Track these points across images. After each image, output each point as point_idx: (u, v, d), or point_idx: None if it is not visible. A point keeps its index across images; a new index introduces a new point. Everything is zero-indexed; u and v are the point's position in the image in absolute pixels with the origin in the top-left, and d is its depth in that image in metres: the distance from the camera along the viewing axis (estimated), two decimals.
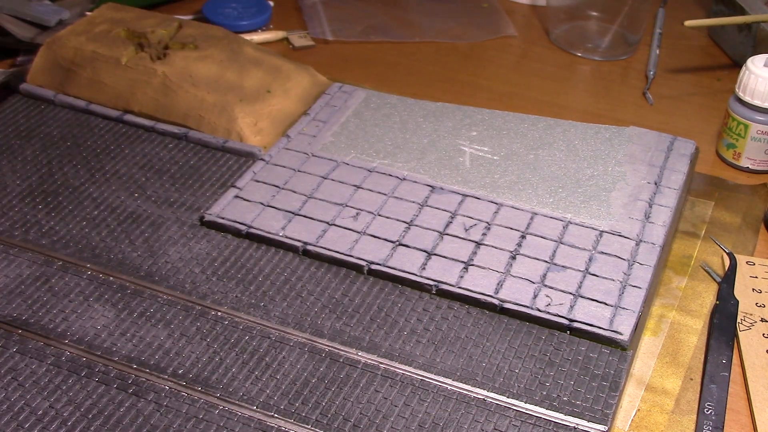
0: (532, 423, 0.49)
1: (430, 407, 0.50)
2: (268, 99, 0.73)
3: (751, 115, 0.70)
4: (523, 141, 0.71)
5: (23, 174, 0.67)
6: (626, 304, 0.55)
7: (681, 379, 0.53)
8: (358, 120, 0.73)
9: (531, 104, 0.81)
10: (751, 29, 0.83)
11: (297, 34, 0.90)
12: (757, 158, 0.71)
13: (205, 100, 0.72)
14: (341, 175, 0.67)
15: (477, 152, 0.69)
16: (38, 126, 0.73)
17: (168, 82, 0.73)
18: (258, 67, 0.75)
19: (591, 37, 0.90)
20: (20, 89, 0.76)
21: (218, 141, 0.70)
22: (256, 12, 0.92)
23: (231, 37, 0.79)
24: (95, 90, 0.75)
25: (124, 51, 0.75)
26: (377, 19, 0.94)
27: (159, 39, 0.78)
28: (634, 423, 0.51)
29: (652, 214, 0.63)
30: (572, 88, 0.84)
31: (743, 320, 0.57)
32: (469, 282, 0.57)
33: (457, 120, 0.73)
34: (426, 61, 0.87)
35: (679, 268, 0.62)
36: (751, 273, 0.61)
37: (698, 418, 0.51)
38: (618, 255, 0.59)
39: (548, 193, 0.65)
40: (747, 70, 0.69)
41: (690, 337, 0.56)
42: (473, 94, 0.82)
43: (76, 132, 0.72)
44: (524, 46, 0.91)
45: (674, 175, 0.67)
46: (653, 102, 0.82)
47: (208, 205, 0.65)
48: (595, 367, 0.52)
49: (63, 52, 0.76)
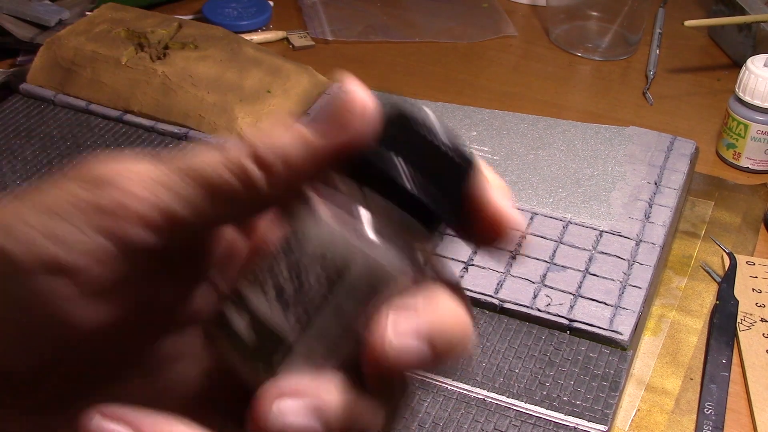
0: (532, 423, 0.49)
1: (430, 407, 0.50)
2: (268, 99, 0.73)
3: (751, 115, 0.70)
4: (523, 141, 0.71)
5: (23, 174, 0.67)
6: (626, 304, 0.55)
7: (681, 379, 0.53)
8: None
9: (531, 104, 0.81)
10: (751, 29, 0.83)
11: (297, 34, 0.90)
12: (757, 158, 0.71)
13: (205, 100, 0.72)
14: None
15: (477, 152, 0.69)
16: (38, 126, 0.73)
17: (168, 82, 0.73)
18: (258, 67, 0.75)
19: (591, 37, 0.90)
20: (20, 89, 0.76)
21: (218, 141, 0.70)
22: (256, 12, 0.92)
23: (231, 37, 0.79)
24: (95, 90, 0.74)
25: (124, 51, 0.75)
26: (377, 19, 0.94)
27: (159, 39, 0.78)
28: (634, 423, 0.51)
29: (652, 214, 0.63)
30: (572, 88, 0.84)
31: (743, 320, 0.57)
32: (469, 282, 0.57)
33: (457, 120, 0.73)
34: (426, 61, 0.87)
35: (679, 268, 0.62)
36: (751, 273, 0.61)
37: (698, 418, 0.51)
38: (618, 255, 0.59)
39: (548, 193, 0.65)
40: (747, 70, 0.69)
41: (690, 337, 0.56)
42: (473, 94, 0.82)
43: (76, 132, 0.72)
44: (524, 46, 0.91)
45: (674, 175, 0.67)
46: (653, 102, 0.82)
47: None
48: (595, 367, 0.52)
49: (63, 52, 0.76)
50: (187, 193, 0.22)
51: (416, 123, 0.24)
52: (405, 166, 0.23)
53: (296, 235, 0.23)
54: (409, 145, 0.23)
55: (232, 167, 0.22)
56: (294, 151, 0.23)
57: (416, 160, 0.23)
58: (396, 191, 0.23)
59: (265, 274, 0.23)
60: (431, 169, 0.23)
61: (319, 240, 0.23)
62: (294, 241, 0.23)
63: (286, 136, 0.23)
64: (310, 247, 0.23)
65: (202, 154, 0.22)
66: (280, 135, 0.23)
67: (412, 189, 0.23)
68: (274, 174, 0.22)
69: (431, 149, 0.23)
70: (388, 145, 0.23)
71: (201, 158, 0.22)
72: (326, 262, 0.22)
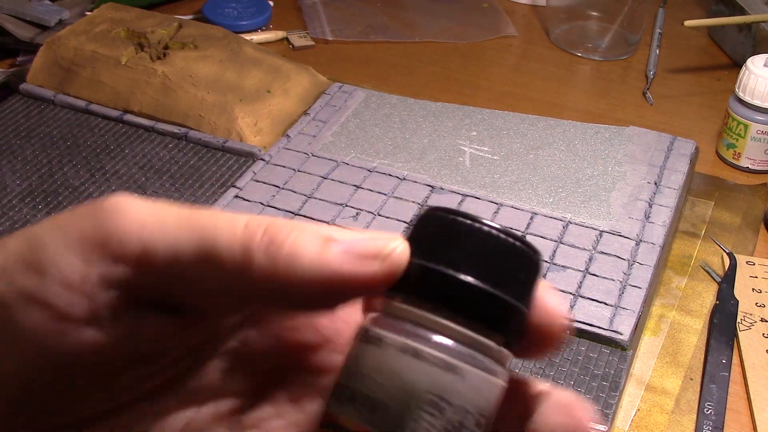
0: None
1: None
2: (268, 99, 0.73)
3: (751, 115, 0.70)
4: (523, 141, 0.71)
5: (23, 174, 0.67)
6: (626, 304, 0.55)
7: (681, 379, 0.53)
8: (358, 120, 0.73)
9: (531, 104, 0.81)
10: (751, 29, 0.83)
11: (297, 34, 0.90)
12: (757, 158, 0.71)
13: (205, 100, 0.72)
14: (341, 175, 0.67)
15: (477, 152, 0.69)
16: (38, 126, 0.73)
17: (168, 82, 0.73)
18: (258, 67, 0.75)
19: (591, 37, 0.90)
20: (20, 89, 0.76)
21: (218, 141, 0.70)
22: (256, 12, 0.92)
23: (231, 37, 0.79)
24: (95, 90, 0.74)
25: (124, 51, 0.75)
26: (377, 19, 0.94)
27: (159, 39, 0.78)
28: (634, 423, 0.51)
29: (652, 214, 0.63)
30: (572, 88, 0.84)
31: (743, 320, 0.57)
32: None
33: (457, 120, 0.73)
34: (426, 61, 0.87)
35: (679, 268, 0.62)
36: (751, 273, 0.61)
37: (698, 418, 0.51)
38: (618, 255, 0.59)
39: (548, 193, 0.65)
40: (747, 70, 0.69)
41: (690, 337, 0.56)
42: (473, 94, 0.82)
43: (76, 132, 0.72)
44: (524, 46, 0.91)
45: (674, 175, 0.67)
46: (653, 102, 0.82)
47: (208, 205, 0.65)
48: (595, 367, 0.52)
49: (63, 52, 0.76)
50: (180, 247, 0.21)
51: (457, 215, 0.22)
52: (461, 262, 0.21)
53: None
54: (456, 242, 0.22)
55: (244, 252, 0.21)
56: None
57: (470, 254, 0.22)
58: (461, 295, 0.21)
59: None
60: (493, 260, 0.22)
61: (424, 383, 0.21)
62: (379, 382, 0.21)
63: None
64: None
65: (218, 220, 0.22)
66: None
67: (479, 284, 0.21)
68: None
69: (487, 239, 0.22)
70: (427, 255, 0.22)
71: (215, 222, 0.22)
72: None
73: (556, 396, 0.23)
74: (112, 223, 0.21)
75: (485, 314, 0.21)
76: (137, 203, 0.22)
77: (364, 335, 0.22)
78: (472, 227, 0.22)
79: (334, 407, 0.21)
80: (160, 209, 0.22)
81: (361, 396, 0.21)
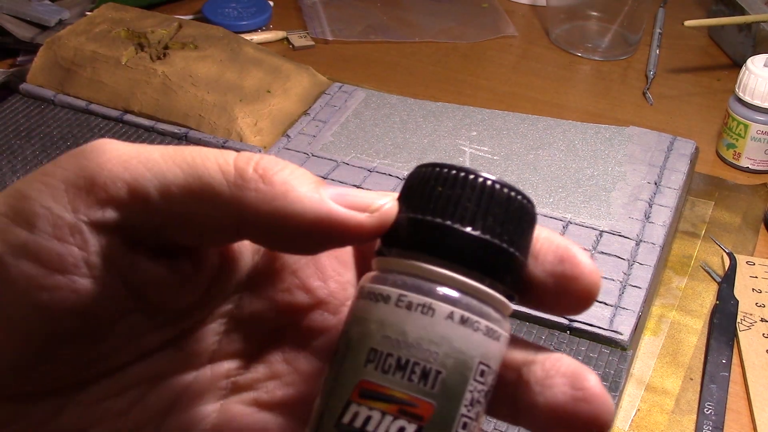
0: None
1: None
2: (268, 99, 0.73)
3: (751, 115, 0.70)
4: (523, 141, 0.71)
5: (23, 174, 0.67)
6: (626, 304, 0.55)
7: (681, 379, 0.53)
8: (358, 120, 0.73)
9: (531, 104, 0.81)
10: (751, 29, 0.83)
11: (297, 34, 0.90)
12: (757, 158, 0.71)
13: (205, 100, 0.72)
14: (341, 175, 0.67)
15: (477, 152, 0.69)
16: (38, 126, 0.73)
17: (168, 82, 0.73)
18: (258, 67, 0.75)
19: (591, 37, 0.90)
20: (20, 89, 0.76)
21: (218, 141, 0.70)
22: (256, 12, 0.92)
23: (231, 37, 0.79)
24: (95, 90, 0.74)
25: (124, 51, 0.75)
26: (377, 19, 0.94)
27: (159, 39, 0.78)
28: (634, 423, 0.51)
29: (652, 214, 0.63)
30: (572, 88, 0.84)
31: (743, 320, 0.57)
32: None
33: (457, 120, 0.73)
34: (426, 61, 0.87)
35: (679, 268, 0.62)
36: (751, 273, 0.61)
37: (698, 418, 0.51)
38: (618, 255, 0.59)
39: (548, 193, 0.65)
40: (747, 70, 0.69)
41: (690, 337, 0.56)
42: (473, 94, 0.82)
43: (76, 132, 0.72)
44: (524, 46, 0.91)
45: (674, 175, 0.67)
46: (653, 102, 0.82)
47: None
48: (595, 367, 0.52)
49: (63, 52, 0.76)
50: (168, 181, 0.21)
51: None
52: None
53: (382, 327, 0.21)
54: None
55: (232, 176, 0.21)
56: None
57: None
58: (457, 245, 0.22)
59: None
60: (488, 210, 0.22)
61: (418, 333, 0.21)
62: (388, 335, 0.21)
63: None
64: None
65: (206, 153, 0.22)
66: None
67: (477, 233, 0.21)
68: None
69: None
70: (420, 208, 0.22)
71: (204, 155, 0.22)
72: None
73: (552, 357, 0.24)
74: (95, 167, 0.21)
75: (500, 272, 0.22)
76: (118, 144, 0.22)
77: (399, 300, 0.21)
78: (468, 179, 0.22)
79: (376, 377, 0.21)
80: (143, 147, 0.22)
81: (412, 365, 0.21)
